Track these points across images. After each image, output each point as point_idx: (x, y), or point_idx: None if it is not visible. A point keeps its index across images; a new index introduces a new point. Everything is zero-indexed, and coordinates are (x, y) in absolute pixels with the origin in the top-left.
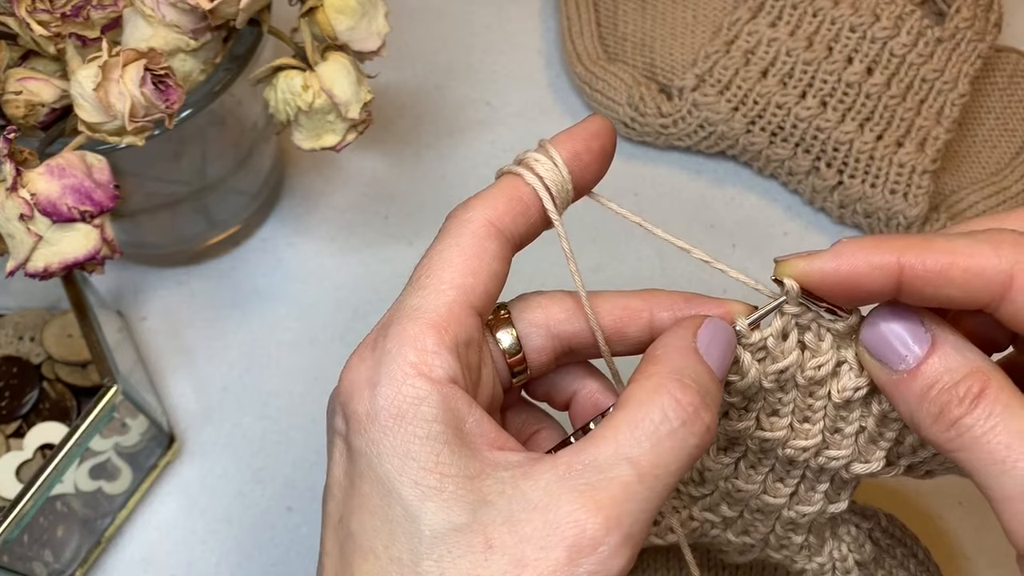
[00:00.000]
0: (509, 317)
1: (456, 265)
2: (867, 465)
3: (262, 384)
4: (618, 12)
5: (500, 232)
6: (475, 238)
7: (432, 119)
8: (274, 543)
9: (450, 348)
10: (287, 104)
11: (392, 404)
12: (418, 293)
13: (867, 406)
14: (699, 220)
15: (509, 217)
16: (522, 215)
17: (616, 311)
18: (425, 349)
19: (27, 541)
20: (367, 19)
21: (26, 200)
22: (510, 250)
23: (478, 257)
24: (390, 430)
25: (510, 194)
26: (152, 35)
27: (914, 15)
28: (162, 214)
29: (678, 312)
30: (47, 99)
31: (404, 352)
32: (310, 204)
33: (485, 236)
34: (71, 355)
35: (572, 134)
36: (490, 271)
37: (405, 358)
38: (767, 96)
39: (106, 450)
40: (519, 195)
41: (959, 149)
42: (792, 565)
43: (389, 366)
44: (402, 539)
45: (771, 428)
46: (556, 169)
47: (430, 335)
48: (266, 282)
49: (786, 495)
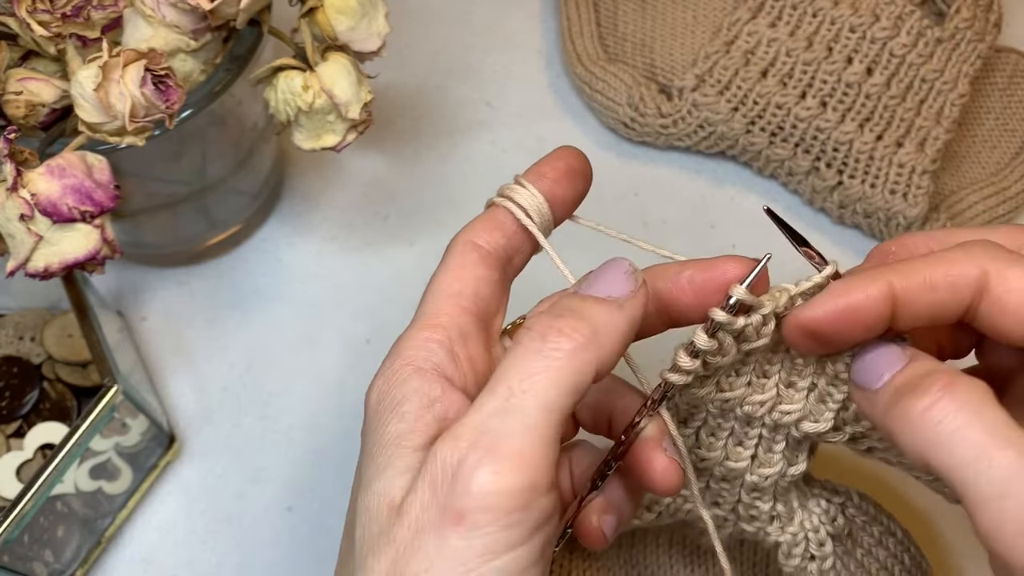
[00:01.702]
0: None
1: (443, 279)
2: (816, 424)
3: (262, 384)
4: (618, 12)
5: (478, 246)
6: (456, 255)
7: (432, 119)
8: (274, 543)
9: (439, 341)
10: (287, 104)
11: (378, 392)
12: (418, 310)
13: (820, 364)
14: (699, 220)
15: (485, 233)
16: (495, 229)
17: None
18: (415, 344)
19: (27, 541)
20: (367, 19)
21: (26, 200)
22: (492, 260)
23: (460, 267)
24: (374, 411)
25: (484, 217)
26: (152, 35)
27: (914, 15)
28: (162, 214)
29: (671, 280)
30: (47, 99)
31: (399, 350)
32: (310, 204)
33: (464, 251)
34: (71, 355)
35: (539, 161)
36: (474, 276)
37: (398, 353)
38: (767, 96)
39: (106, 450)
40: (492, 215)
41: (959, 149)
42: (766, 539)
43: (385, 364)
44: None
45: (730, 388)
46: (526, 190)
47: (421, 333)
48: (266, 282)
49: (747, 458)
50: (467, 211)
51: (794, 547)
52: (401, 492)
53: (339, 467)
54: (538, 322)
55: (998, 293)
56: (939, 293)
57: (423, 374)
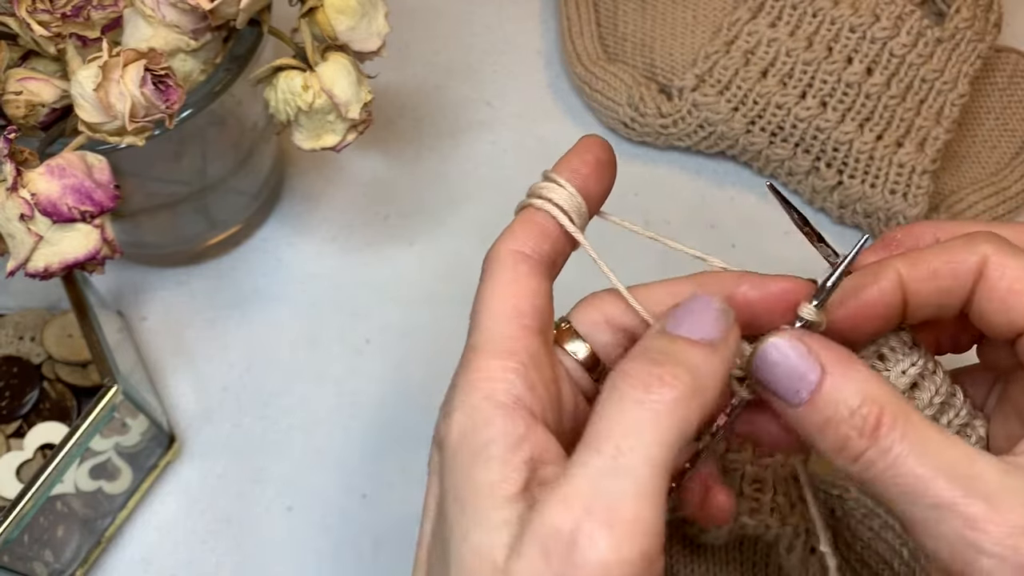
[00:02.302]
0: (571, 327)
1: (499, 296)
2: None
3: (262, 384)
4: (618, 12)
5: (527, 256)
6: (507, 268)
7: (432, 119)
8: (274, 543)
9: (514, 369)
10: (287, 104)
11: (460, 430)
12: (475, 332)
13: None
14: (699, 220)
15: (531, 241)
16: (541, 236)
17: (665, 298)
18: (490, 375)
19: (27, 541)
20: (367, 19)
21: (26, 200)
22: (542, 269)
23: (516, 282)
24: (454, 451)
25: (525, 222)
26: (152, 35)
27: (914, 15)
28: (162, 214)
29: (726, 291)
30: (47, 99)
31: (471, 380)
32: (310, 204)
33: (515, 263)
34: (71, 355)
35: (568, 155)
36: (532, 291)
37: (472, 385)
38: (767, 96)
39: (106, 450)
40: (534, 220)
41: (959, 149)
42: (766, 532)
43: (460, 396)
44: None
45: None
46: (561, 188)
47: (494, 361)
48: (266, 282)
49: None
50: (467, 211)
51: (795, 539)
52: (503, 551)
53: (339, 467)
54: (636, 369)
55: (992, 280)
56: (941, 280)
57: (506, 411)
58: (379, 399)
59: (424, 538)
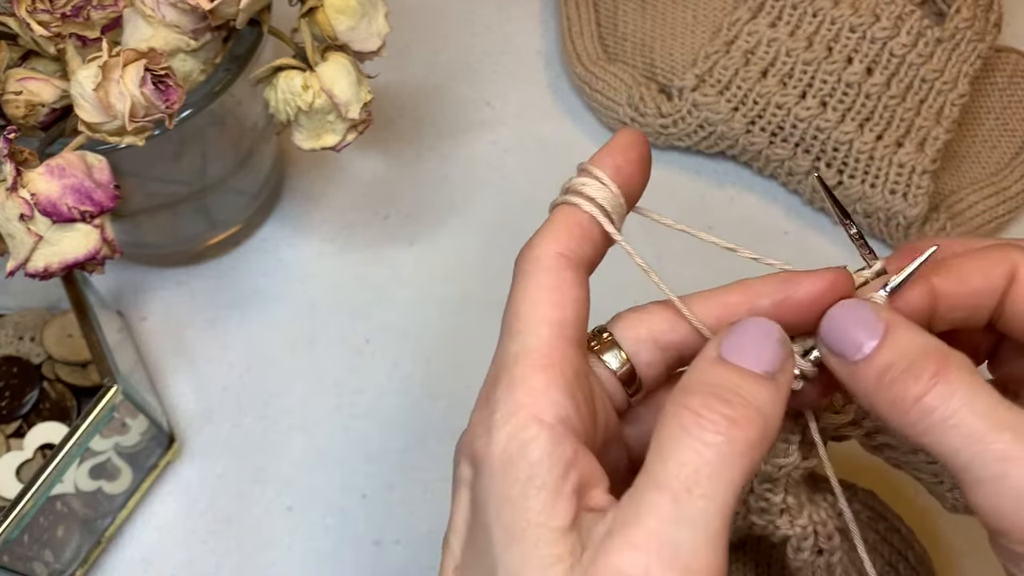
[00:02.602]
0: (612, 338)
1: (541, 302)
2: (839, 416)
3: (262, 384)
4: (618, 12)
5: (571, 260)
6: (550, 272)
7: (432, 119)
8: (274, 543)
9: (560, 386)
10: (287, 104)
11: (502, 449)
12: (515, 339)
13: None
14: (699, 220)
15: (574, 243)
16: (585, 238)
17: (715, 310)
18: (535, 391)
19: (27, 541)
20: (367, 19)
21: (26, 200)
22: (584, 275)
23: (559, 290)
24: (498, 474)
25: (568, 222)
26: (152, 35)
27: (914, 15)
28: (162, 214)
29: (776, 296)
30: (47, 99)
31: (516, 396)
32: (310, 204)
33: (559, 267)
34: (71, 355)
35: (609, 149)
36: (575, 300)
37: (517, 402)
38: (767, 96)
39: (106, 450)
40: (577, 221)
41: (959, 149)
42: (775, 532)
43: (502, 411)
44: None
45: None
46: (604, 187)
47: (538, 375)
48: (266, 282)
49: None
50: (467, 211)
51: (803, 540)
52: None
53: (339, 467)
54: (703, 406)
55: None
56: (972, 285)
57: (553, 432)
58: (379, 399)
59: (451, 558)
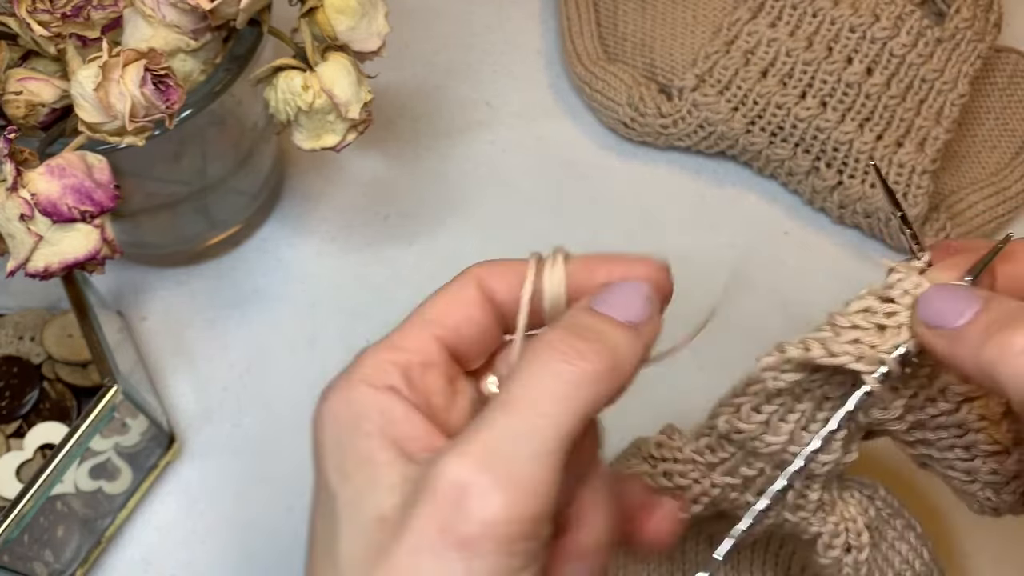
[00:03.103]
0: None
1: (431, 304)
2: (886, 412)
3: (262, 384)
4: (618, 12)
5: (483, 285)
6: (456, 283)
7: (432, 119)
8: (274, 543)
9: (399, 364)
10: (287, 104)
11: (333, 408)
12: (394, 328)
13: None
14: (699, 220)
15: (503, 282)
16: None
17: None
18: (375, 365)
19: (27, 541)
20: (367, 19)
21: (26, 200)
22: (493, 308)
23: (453, 299)
24: (328, 429)
25: (515, 265)
26: (152, 35)
27: (914, 15)
28: (162, 214)
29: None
30: (47, 99)
31: (357, 369)
32: (310, 204)
33: (466, 283)
34: (71, 355)
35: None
36: (464, 311)
37: (355, 373)
38: (767, 96)
39: (106, 450)
40: (518, 264)
41: (959, 149)
42: (807, 528)
43: (341, 380)
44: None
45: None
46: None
47: (383, 354)
48: (266, 282)
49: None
50: (467, 211)
51: (835, 538)
52: (393, 510)
53: None
54: (559, 340)
55: None
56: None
57: (380, 392)
58: None
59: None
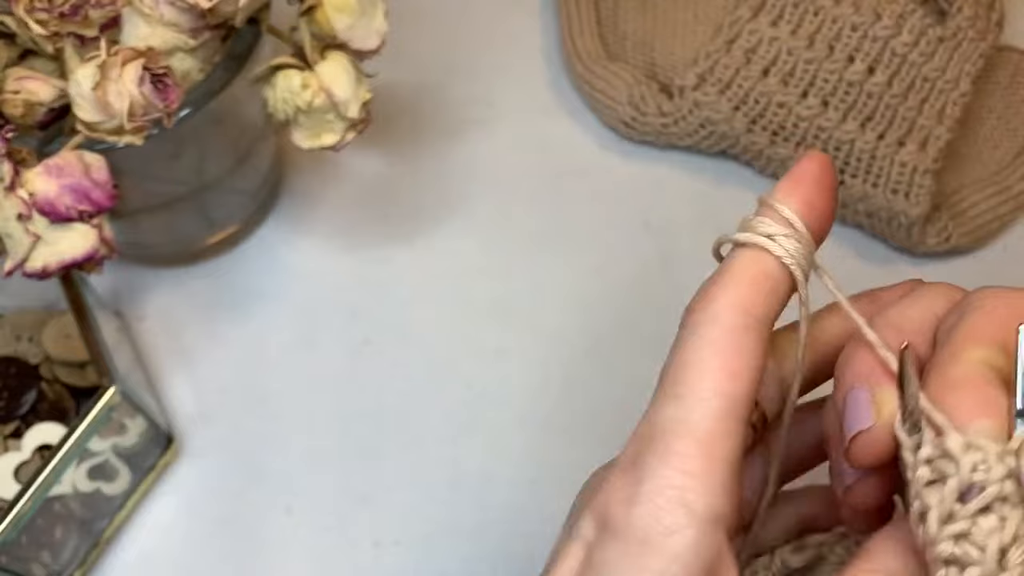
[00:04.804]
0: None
1: (715, 368)
2: None
3: (261, 384)
4: (618, 11)
5: (755, 320)
6: (730, 334)
7: (432, 118)
8: (273, 544)
9: (719, 471)
10: (286, 103)
11: (641, 527)
12: (676, 403)
13: None
14: (699, 220)
15: (761, 299)
16: (773, 295)
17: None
18: (691, 472)
19: (25, 542)
20: (366, 18)
21: (24, 200)
22: (766, 339)
23: (738, 356)
24: (631, 551)
25: (755, 273)
26: (151, 34)
27: (915, 14)
28: (161, 214)
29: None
30: (45, 98)
31: (667, 473)
32: (309, 204)
33: (741, 329)
34: (69, 355)
35: (796, 180)
36: (752, 371)
37: (668, 480)
38: (768, 95)
39: (104, 451)
40: (764, 271)
41: (961, 148)
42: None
43: (651, 483)
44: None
45: None
46: (803, 242)
47: (697, 455)
48: (265, 282)
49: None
50: (467, 211)
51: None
52: None
53: (338, 467)
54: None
55: None
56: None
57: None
58: (378, 399)
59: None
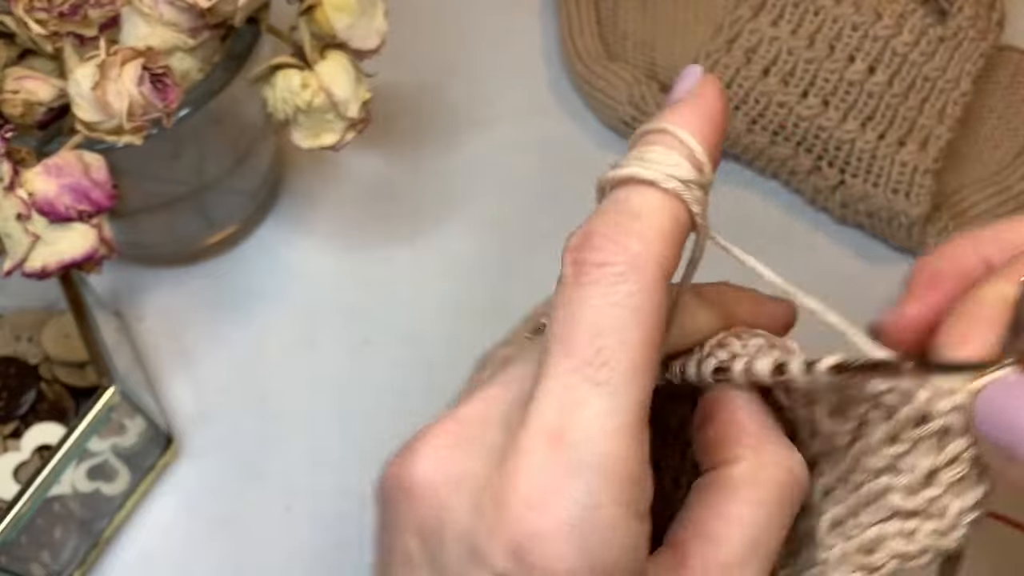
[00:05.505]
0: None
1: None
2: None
3: (260, 384)
4: (619, 10)
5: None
6: (651, 296)
7: (432, 118)
8: (273, 544)
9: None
10: (285, 103)
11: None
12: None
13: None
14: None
15: (675, 256)
16: (681, 237)
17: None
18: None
19: (25, 542)
20: (366, 17)
21: (23, 199)
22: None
23: (657, 326)
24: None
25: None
26: (150, 34)
27: (916, 13)
28: (160, 214)
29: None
30: (45, 98)
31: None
32: (309, 204)
33: (659, 290)
34: (69, 355)
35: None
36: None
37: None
38: (768, 95)
39: (104, 451)
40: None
41: (961, 148)
42: None
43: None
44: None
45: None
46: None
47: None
48: (265, 282)
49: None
50: (467, 211)
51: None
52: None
53: (338, 467)
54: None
55: None
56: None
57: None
58: (378, 399)
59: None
